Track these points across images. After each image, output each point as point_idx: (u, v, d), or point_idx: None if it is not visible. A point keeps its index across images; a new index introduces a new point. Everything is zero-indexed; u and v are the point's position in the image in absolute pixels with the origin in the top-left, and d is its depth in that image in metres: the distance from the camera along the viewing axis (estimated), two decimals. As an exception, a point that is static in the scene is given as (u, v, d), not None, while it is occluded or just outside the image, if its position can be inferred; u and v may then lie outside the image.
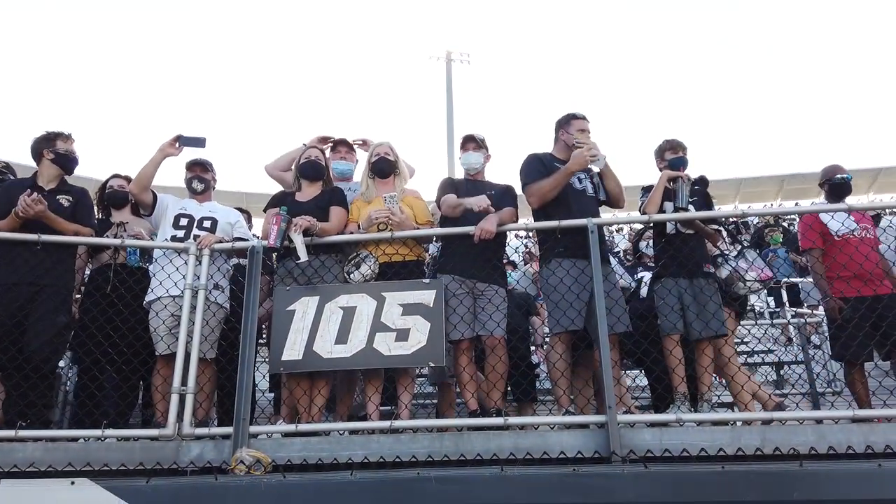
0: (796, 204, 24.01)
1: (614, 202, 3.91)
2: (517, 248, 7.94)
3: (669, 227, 3.85)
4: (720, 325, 3.68)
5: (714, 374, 3.91)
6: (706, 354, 3.65)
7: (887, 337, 3.72)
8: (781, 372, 6.58)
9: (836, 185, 4.30)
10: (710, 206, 4.04)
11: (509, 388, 4.50)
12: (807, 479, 2.82)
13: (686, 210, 3.67)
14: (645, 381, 5.22)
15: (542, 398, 5.27)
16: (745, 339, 7.19)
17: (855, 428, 3.04)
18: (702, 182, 4.11)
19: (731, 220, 5.48)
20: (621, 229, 18.66)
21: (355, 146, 4.45)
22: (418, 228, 3.81)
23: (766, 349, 7.11)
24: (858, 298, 3.90)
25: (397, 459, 3.15)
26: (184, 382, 3.36)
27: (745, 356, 7.10)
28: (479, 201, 3.51)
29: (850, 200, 4.49)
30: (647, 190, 3.97)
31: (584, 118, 3.89)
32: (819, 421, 3.17)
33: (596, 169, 3.85)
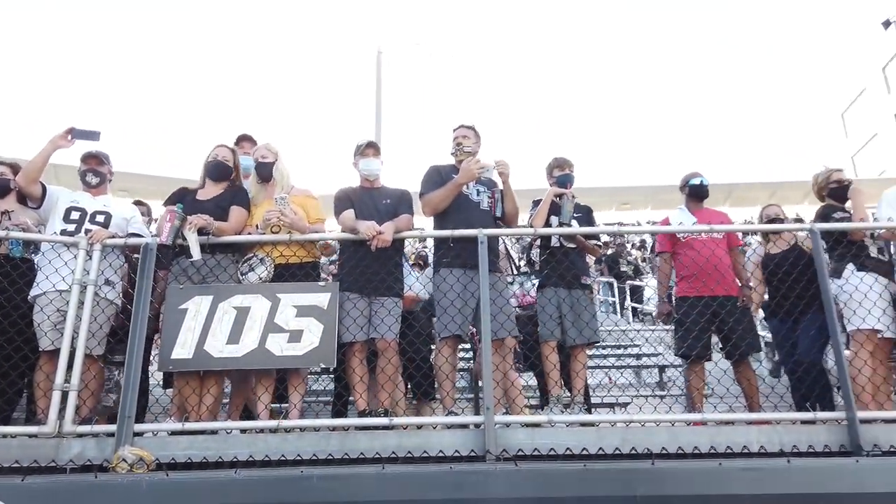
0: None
1: (508, 221, 4.10)
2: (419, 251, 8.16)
3: (553, 241, 4.12)
4: (593, 333, 4.00)
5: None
6: (579, 360, 3.94)
7: (727, 338, 4.07)
8: (664, 375, 7.06)
9: (693, 188, 4.56)
10: (591, 223, 4.34)
11: (409, 387, 4.68)
12: (656, 476, 3.13)
13: (569, 225, 3.95)
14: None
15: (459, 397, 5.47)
16: (636, 342, 7.68)
17: (703, 430, 3.39)
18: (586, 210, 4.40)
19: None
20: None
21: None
22: (312, 227, 3.86)
23: (654, 352, 7.62)
24: (697, 297, 4.17)
25: (282, 458, 3.24)
26: (68, 379, 3.32)
27: (633, 359, 7.59)
28: (369, 229, 3.63)
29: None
30: (536, 203, 4.22)
31: (463, 126, 4.09)
32: (672, 423, 3.50)
33: (499, 182, 4.04)
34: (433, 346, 5.82)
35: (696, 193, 4.58)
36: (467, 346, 5.64)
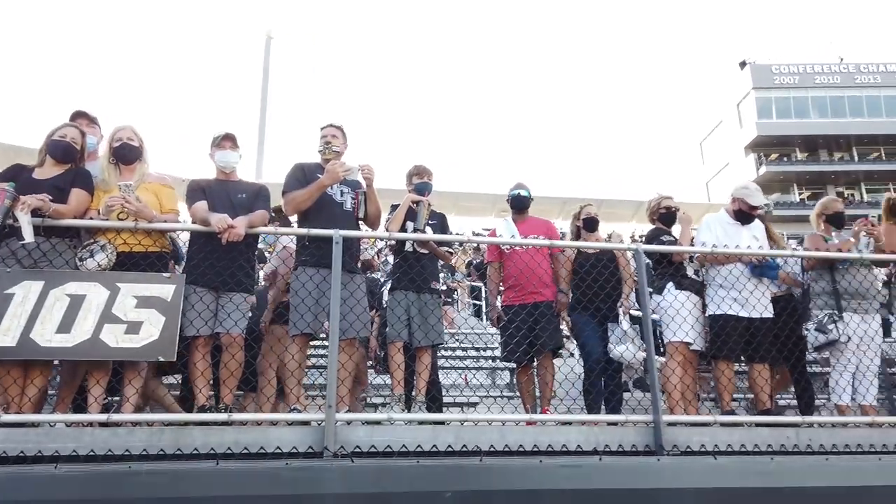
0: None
1: (370, 223, 4.19)
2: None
3: (407, 245, 4.27)
4: (437, 336, 4.19)
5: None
6: (423, 361, 4.11)
7: (537, 339, 4.39)
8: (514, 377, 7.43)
9: (513, 200, 4.91)
10: (445, 231, 4.54)
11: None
12: (483, 473, 3.34)
13: (423, 231, 4.11)
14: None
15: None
16: (490, 345, 8.03)
17: (530, 430, 3.65)
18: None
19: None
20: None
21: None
22: (164, 217, 3.74)
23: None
24: (520, 306, 4.52)
25: (109, 453, 3.14)
26: None
27: (488, 361, 7.93)
28: (220, 221, 3.57)
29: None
30: (394, 208, 4.35)
31: (332, 126, 4.16)
32: (503, 423, 3.74)
33: (363, 183, 4.11)
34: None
35: (516, 205, 4.93)
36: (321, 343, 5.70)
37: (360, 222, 4.15)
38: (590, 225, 4.97)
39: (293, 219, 4.28)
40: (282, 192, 4.07)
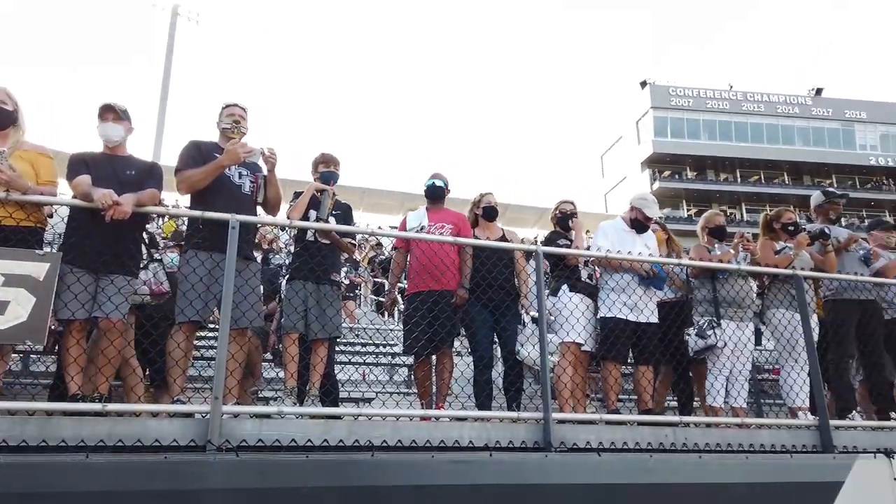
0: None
1: (269, 208, 4.04)
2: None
3: (309, 234, 4.16)
4: (335, 329, 4.11)
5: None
6: (318, 354, 4.02)
7: (437, 333, 4.37)
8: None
9: (428, 189, 4.86)
10: (349, 222, 4.46)
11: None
12: (374, 468, 3.30)
13: (326, 221, 4.01)
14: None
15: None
16: (390, 341, 7.99)
17: (424, 425, 3.64)
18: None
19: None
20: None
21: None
22: (40, 189, 3.44)
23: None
24: (416, 294, 4.48)
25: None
26: None
27: (388, 357, 7.89)
28: (104, 197, 3.30)
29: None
30: (297, 195, 4.22)
31: (238, 106, 3.99)
32: (397, 418, 3.71)
33: (264, 168, 3.95)
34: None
35: (431, 194, 4.89)
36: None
37: (259, 207, 3.99)
38: (489, 213, 4.97)
39: (185, 199, 4.04)
40: (175, 170, 3.84)
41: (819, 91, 43.71)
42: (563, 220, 4.95)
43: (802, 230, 5.01)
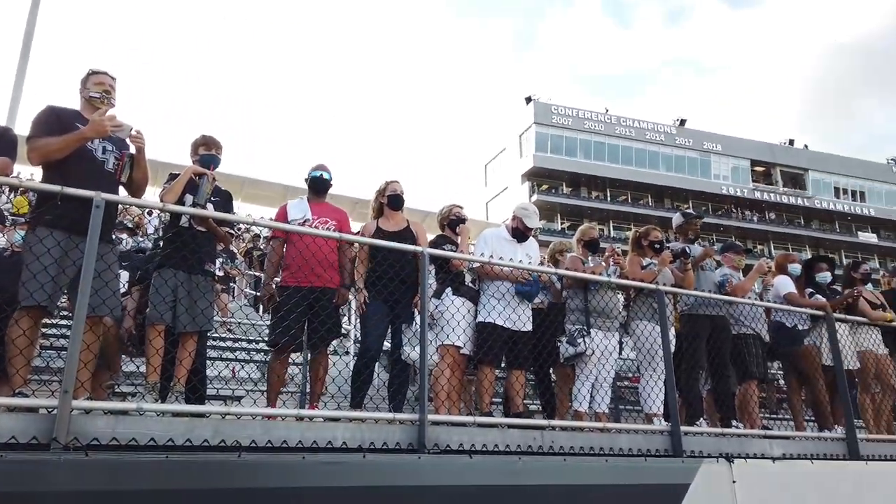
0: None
1: (135, 189, 3.72)
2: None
3: (184, 219, 3.90)
4: (206, 322, 3.88)
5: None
6: (186, 348, 3.78)
7: (315, 329, 4.25)
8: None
9: (313, 180, 4.67)
10: (229, 211, 4.23)
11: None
12: (241, 469, 3.14)
13: (204, 207, 3.77)
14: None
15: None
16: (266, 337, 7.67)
17: (296, 425, 3.51)
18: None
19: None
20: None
21: None
22: None
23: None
24: (295, 288, 4.26)
25: None
26: None
27: (261, 353, 7.59)
28: None
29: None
30: (173, 178, 3.95)
31: (108, 75, 3.66)
32: (267, 417, 3.57)
33: (131, 147, 3.64)
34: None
35: (315, 186, 4.70)
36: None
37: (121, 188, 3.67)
38: (394, 202, 4.85)
39: (38, 171, 3.63)
40: (27, 138, 3.45)
41: (683, 122, 47.46)
42: (453, 225, 4.99)
43: (666, 248, 5.39)
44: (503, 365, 4.84)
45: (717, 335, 5.31)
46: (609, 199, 46.23)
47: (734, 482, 4.30)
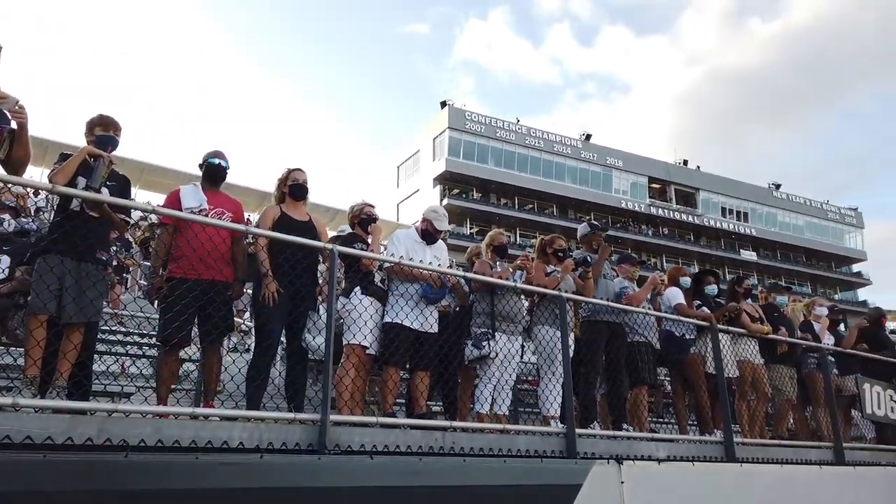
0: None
1: (13, 168, 3.39)
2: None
3: (75, 203, 3.64)
4: (95, 313, 3.64)
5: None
6: (71, 340, 3.52)
7: (202, 324, 4.11)
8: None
9: (210, 168, 4.43)
10: (126, 196, 3.99)
11: None
12: (128, 470, 2.97)
13: (98, 191, 3.54)
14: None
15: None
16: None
17: (190, 424, 3.37)
18: None
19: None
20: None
21: None
22: None
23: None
24: (182, 279, 4.03)
25: None
26: None
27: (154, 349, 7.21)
28: None
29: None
30: (64, 158, 3.68)
31: None
32: (161, 416, 3.40)
33: (12, 122, 3.34)
34: None
35: (211, 173, 4.46)
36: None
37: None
38: (297, 192, 4.66)
39: None
40: None
41: (588, 137, 49.43)
42: (365, 223, 4.95)
43: (570, 257, 5.58)
44: (408, 366, 4.84)
45: (613, 342, 5.56)
46: (517, 206, 47.37)
47: (622, 483, 4.51)
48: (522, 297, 5.34)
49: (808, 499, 5.71)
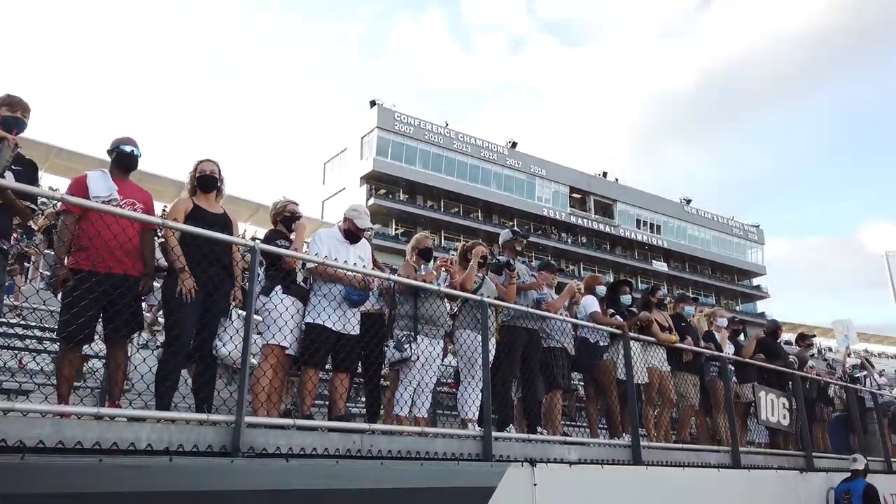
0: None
1: None
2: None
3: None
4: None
5: None
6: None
7: (110, 319, 3.92)
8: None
9: (122, 155, 4.21)
10: (34, 182, 3.76)
11: None
12: (25, 473, 2.81)
13: (2, 176, 3.32)
14: None
15: None
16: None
17: (94, 425, 3.21)
18: None
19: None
20: None
21: None
22: None
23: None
24: (91, 273, 3.82)
25: None
26: None
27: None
28: None
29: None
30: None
31: None
32: (63, 416, 3.22)
33: None
34: None
35: (122, 161, 4.24)
36: None
37: None
38: (203, 183, 4.44)
39: None
40: None
41: (514, 144, 50.37)
42: (287, 221, 4.85)
43: (492, 262, 5.69)
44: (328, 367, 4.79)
45: (531, 347, 5.70)
46: (442, 209, 47.66)
47: (535, 485, 4.64)
48: (446, 300, 5.39)
49: (707, 500, 6.05)
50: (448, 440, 4.60)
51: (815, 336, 12.41)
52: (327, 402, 4.96)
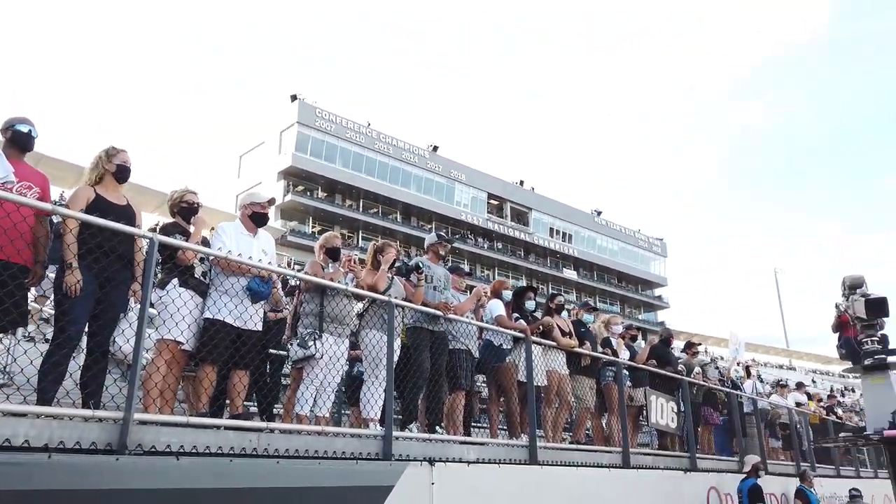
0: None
1: None
2: None
3: None
4: None
5: None
6: None
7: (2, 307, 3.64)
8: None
9: (19, 135, 3.99)
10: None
11: None
12: None
13: None
14: None
15: None
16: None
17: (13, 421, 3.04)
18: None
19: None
20: None
21: None
22: None
23: None
24: None
25: None
26: None
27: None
28: None
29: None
30: None
31: None
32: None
33: None
34: None
35: (20, 141, 4.01)
36: None
37: None
38: (122, 174, 4.25)
39: None
40: None
41: (436, 148, 50.75)
42: (186, 213, 4.67)
43: (402, 264, 5.75)
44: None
45: (436, 348, 5.79)
46: (361, 209, 47.37)
47: (433, 483, 4.72)
48: (354, 300, 5.39)
49: (599, 499, 6.34)
50: (348, 439, 4.61)
51: (700, 344, 13.24)
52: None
